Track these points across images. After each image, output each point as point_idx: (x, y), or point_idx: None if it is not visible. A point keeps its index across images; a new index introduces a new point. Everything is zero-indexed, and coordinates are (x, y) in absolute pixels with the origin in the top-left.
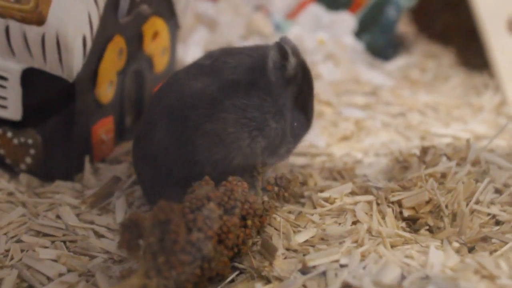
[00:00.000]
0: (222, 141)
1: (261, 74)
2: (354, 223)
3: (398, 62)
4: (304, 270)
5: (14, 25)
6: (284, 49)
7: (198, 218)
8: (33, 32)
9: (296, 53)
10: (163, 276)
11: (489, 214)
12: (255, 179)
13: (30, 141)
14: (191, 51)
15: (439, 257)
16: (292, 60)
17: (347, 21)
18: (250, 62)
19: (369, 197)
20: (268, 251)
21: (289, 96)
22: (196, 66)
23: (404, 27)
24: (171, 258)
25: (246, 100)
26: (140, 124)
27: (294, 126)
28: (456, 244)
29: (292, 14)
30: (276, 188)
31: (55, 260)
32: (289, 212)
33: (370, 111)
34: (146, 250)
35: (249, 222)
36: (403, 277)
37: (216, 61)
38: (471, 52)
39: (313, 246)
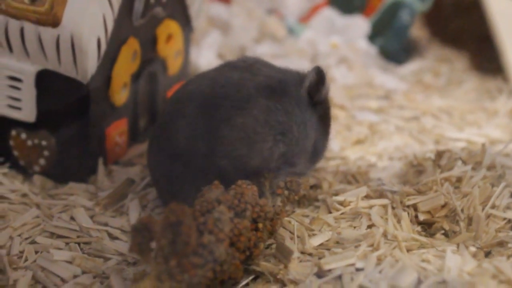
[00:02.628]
0: (248, 138)
1: (295, 88)
2: (369, 226)
3: (412, 66)
4: (320, 274)
5: (29, 27)
6: (323, 74)
7: (209, 221)
8: (47, 34)
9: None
10: (175, 280)
11: (505, 219)
12: (262, 184)
13: (44, 143)
14: (204, 54)
15: (456, 261)
16: (327, 86)
17: (360, 25)
18: (285, 76)
19: (384, 201)
20: (283, 254)
21: (315, 116)
22: (229, 65)
23: (417, 31)
24: (183, 261)
25: (279, 104)
26: (157, 122)
27: (315, 145)
28: (472, 249)
29: (306, 18)
30: (286, 192)
31: (69, 262)
32: (304, 216)
33: (383, 115)
34: (157, 253)
35: (260, 225)
36: (419, 281)
37: (251, 66)
38: (485, 56)
39: (328, 249)
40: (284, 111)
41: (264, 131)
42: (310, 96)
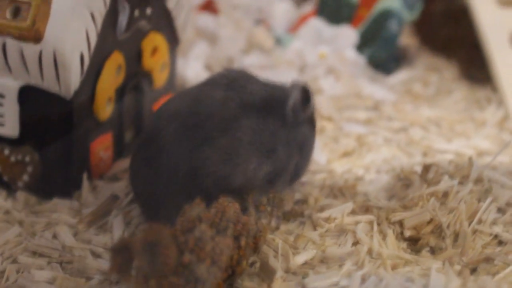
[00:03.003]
0: (231, 159)
1: (279, 108)
2: (354, 244)
3: (400, 76)
4: None
5: (11, 43)
6: (308, 92)
7: (190, 240)
8: (30, 49)
9: (312, 98)
10: None
11: (491, 234)
12: (245, 201)
13: (27, 159)
14: (191, 66)
15: (440, 280)
16: (311, 105)
17: (348, 35)
18: (268, 94)
19: (370, 217)
20: (266, 274)
21: (299, 137)
22: (211, 82)
23: (406, 40)
24: (163, 281)
25: (262, 125)
26: (140, 137)
27: (297, 164)
28: (457, 267)
29: (293, 28)
30: (269, 208)
31: (51, 282)
32: (288, 233)
33: (371, 126)
34: (137, 273)
35: (242, 243)
36: None
37: (234, 82)
38: (474, 65)
39: (312, 268)
40: (268, 131)
41: (247, 153)
42: (294, 114)
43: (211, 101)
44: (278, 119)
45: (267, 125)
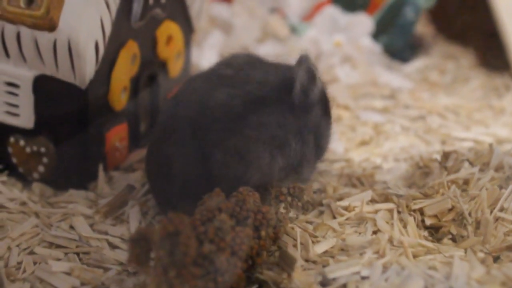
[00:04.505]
0: (243, 158)
1: (286, 93)
2: (374, 232)
3: (417, 64)
4: (324, 282)
5: (25, 32)
6: (313, 72)
7: (210, 230)
8: (44, 38)
9: (318, 75)
10: None
11: None
12: (267, 193)
13: (43, 150)
14: (206, 55)
15: (463, 268)
16: (319, 83)
17: (364, 22)
18: (275, 79)
19: (390, 205)
20: (287, 263)
21: (312, 118)
22: (216, 75)
23: (422, 28)
24: (182, 271)
25: (270, 117)
26: (155, 132)
27: (316, 148)
28: (481, 254)
29: (308, 16)
30: (289, 198)
31: (68, 273)
32: (308, 222)
33: (388, 114)
34: (156, 264)
35: (263, 233)
36: None
37: (238, 73)
38: (491, 53)
39: (332, 257)
40: (276, 123)
41: (258, 149)
42: (303, 98)
43: (216, 102)
44: (286, 106)
45: (275, 117)
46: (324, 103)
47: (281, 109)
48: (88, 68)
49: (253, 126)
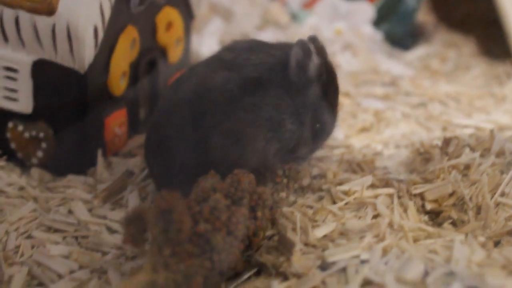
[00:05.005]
0: (238, 141)
1: (282, 72)
2: (374, 216)
3: (418, 52)
4: (323, 266)
5: (24, 16)
6: (307, 47)
7: (205, 210)
8: (43, 22)
9: (322, 53)
10: (171, 270)
11: None
12: (263, 175)
13: (41, 135)
14: (206, 42)
15: (464, 252)
16: (315, 59)
17: (365, 10)
18: (273, 60)
19: (390, 190)
20: (285, 247)
21: (310, 97)
22: (217, 59)
23: (424, 16)
24: (177, 249)
25: (265, 99)
26: (154, 115)
27: (315, 128)
28: (481, 239)
29: (309, 4)
30: (285, 180)
31: (66, 257)
32: (307, 206)
33: (389, 101)
34: (152, 244)
35: (259, 214)
36: (426, 273)
37: (238, 56)
38: (493, 41)
39: (332, 241)
40: (272, 105)
41: (253, 131)
42: (298, 76)
43: (213, 85)
44: (283, 87)
45: (270, 99)
46: (329, 82)
47: (276, 90)
48: (87, 52)
49: (248, 109)
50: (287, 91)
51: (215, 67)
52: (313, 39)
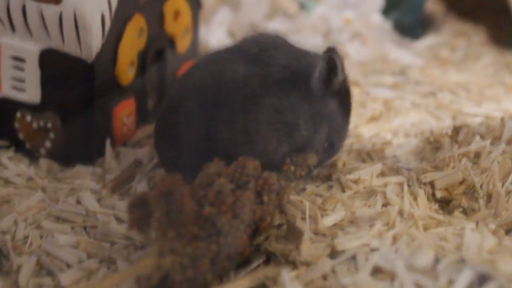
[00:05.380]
0: (251, 141)
1: (305, 80)
2: (384, 205)
3: (427, 41)
4: (333, 255)
5: (31, 4)
6: (335, 63)
7: (209, 194)
8: (50, 11)
9: (342, 67)
10: (177, 253)
11: None
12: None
13: (49, 125)
14: (214, 32)
15: (475, 239)
16: (340, 76)
17: None
18: (297, 65)
19: (400, 178)
20: (294, 235)
21: (328, 109)
22: (241, 51)
23: (433, 5)
24: (182, 231)
25: (286, 101)
26: (166, 100)
27: (328, 140)
28: (492, 226)
29: None
30: (292, 167)
31: (75, 247)
32: (317, 195)
33: (399, 90)
34: (156, 227)
35: (265, 198)
36: (437, 260)
37: (263, 52)
38: (503, 29)
39: (342, 229)
40: (291, 109)
41: (267, 133)
42: (320, 87)
43: (233, 77)
44: (303, 93)
45: (290, 102)
46: (344, 100)
47: (297, 96)
48: (94, 41)
49: (267, 110)
50: (307, 98)
51: (238, 58)
52: (333, 51)
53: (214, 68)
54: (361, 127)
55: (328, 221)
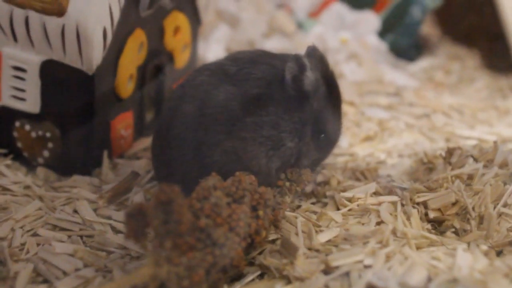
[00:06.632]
0: (240, 159)
1: (281, 87)
2: (378, 223)
3: (422, 63)
4: (327, 270)
5: (34, 16)
6: (301, 61)
7: (206, 206)
8: (53, 23)
9: (322, 63)
10: (173, 263)
11: None
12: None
13: (48, 135)
14: (212, 48)
15: (467, 259)
16: (309, 74)
17: (371, 20)
18: (273, 73)
19: (394, 198)
20: (288, 251)
21: (307, 111)
22: (221, 71)
23: (429, 28)
24: (178, 241)
25: (265, 118)
26: (159, 121)
27: (320, 138)
28: (484, 247)
29: (315, 13)
30: (287, 183)
31: (71, 255)
32: (311, 212)
33: (393, 111)
34: (154, 238)
35: (260, 213)
36: (429, 280)
37: (241, 70)
38: (497, 54)
39: (336, 246)
40: (270, 124)
41: (254, 149)
42: (295, 86)
43: (215, 102)
44: (281, 106)
45: (269, 117)
46: (330, 92)
47: (276, 108)
48: (95, 54)
49: (249, 128)
50: (286, 106)
51: (218, 80)
52: (313, 50)
53: (198, 95)
54: (356, 147)
55: (322, 237)
